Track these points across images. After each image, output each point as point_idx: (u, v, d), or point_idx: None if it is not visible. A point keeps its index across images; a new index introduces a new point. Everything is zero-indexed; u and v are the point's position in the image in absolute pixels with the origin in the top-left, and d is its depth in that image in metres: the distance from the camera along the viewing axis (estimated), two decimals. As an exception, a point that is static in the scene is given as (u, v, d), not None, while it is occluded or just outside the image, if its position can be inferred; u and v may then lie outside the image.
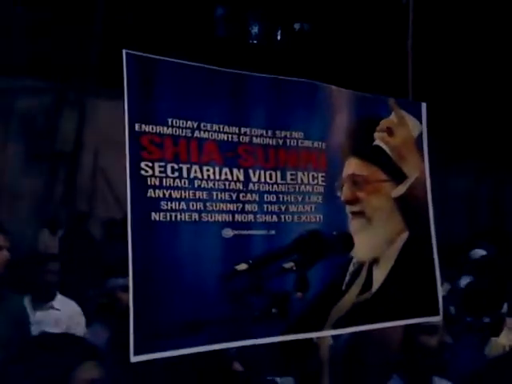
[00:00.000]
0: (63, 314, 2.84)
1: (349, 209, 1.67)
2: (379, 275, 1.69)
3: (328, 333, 1.62)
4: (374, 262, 1.70)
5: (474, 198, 8.67)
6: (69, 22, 8.26)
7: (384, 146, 1.75)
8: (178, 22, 9.36)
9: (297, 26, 11.06)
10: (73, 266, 5.45)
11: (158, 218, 1.37)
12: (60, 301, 2.93)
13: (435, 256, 1.79)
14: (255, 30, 11.00)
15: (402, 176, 1.76)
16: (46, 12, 8.36)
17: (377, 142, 1.75)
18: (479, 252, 4.21)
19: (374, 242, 1.70)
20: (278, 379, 2.08)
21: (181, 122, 1.44)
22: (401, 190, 1.75)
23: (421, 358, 1.66)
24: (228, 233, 1.46)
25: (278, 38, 10.93)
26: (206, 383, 1.78)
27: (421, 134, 1.84)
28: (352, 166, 1.70)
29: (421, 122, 1.85)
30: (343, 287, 1.63)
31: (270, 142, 1.57)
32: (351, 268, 1.65)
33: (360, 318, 1.65)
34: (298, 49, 10.31)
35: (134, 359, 1.27)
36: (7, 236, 2.50)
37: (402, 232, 1.75)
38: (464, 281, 3.61)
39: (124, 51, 1.38)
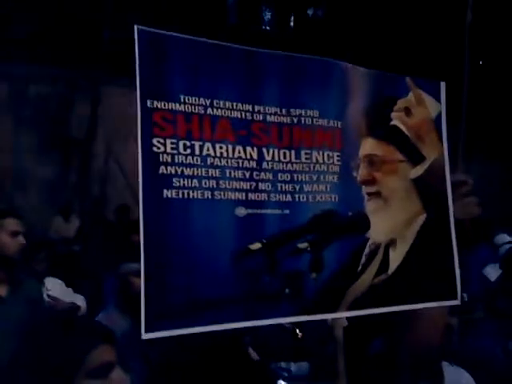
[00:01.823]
0: (55, 292, 3.04)
1: (365, 189, 1.64)
2: (396, 257, 1.66)
3: (343, 314, 1.60)
4: (391, 243, 1.66)
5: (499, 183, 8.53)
6: (80, 9, 8.23)
7: (401, 126, 1.71)
8: (190, 8, 9.29)
9: (310, 11, 10.93)
10: (88, 251, 5.48)
11: (170, 195, 1.35)
12: (48, 281, 3.10)
13: (453, 239, 1.74)
14: (268, 15, 10.89)
15: (419, 157, 1.72)
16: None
17: (394, 122, 1.71)
18: (504, 237, 4.09)
19: (391, 223, 1.66)
20: (292, 364, 2.07)
21: (193, 98, 1.41)
22: (418, 171, 1.71)
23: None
24: (241, 211, 1.44)
25: (292, 24, 10.80)
26: (221, 369, 1.77)
27: (440, 115, 1.78)
28: (368, 146, 1.66)
29: (440, 102, 1.79)
30: (359, 268, 1.60)
31: (285, 121, 1.54)
32: (367, 249, 1.62)
33: (376, 300, 1.62)
34: (312, 35, 10.20)
35: (145, 336, 1.27)
36: (22, 221, 2.53)
37: (420, 214, 1.71)
38: (490, 269, 3.51)
39: (136, 26, 1.36)
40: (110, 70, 8.02)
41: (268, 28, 10.97)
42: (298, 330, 2.21)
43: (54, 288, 3.01)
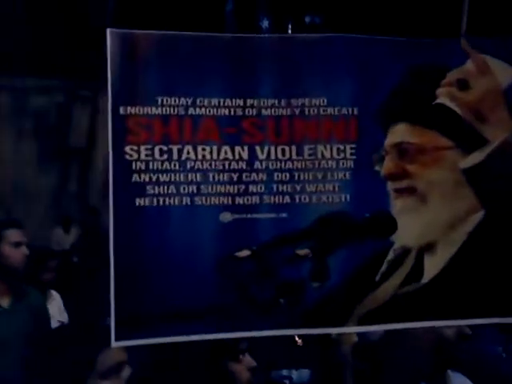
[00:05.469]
0: (58, 304, 3.27)
1: (392, 185, 1.44)
2: (434, 264, 1.44)
3: (350, 329, 1.43)
4: (427, 248, 1.45)
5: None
6: (78, 18, 8.27)
7: (451, 105, 1.45)
8: (187, 17, 9.33)
9: (308, 19, 10.98)
10: (87, 261, 5.49)
11: (142, 204, 1.34)
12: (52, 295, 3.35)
13: None
14: (265, 24, 10.93)
15: (476, 141, 1.45)
16: (56, 9, 8.38)
17: (440, 100, 1.45)
18: None
19: (429, 224, 1.44)
20: (294, 372, 2.06)
21: (172, 99, 1.36)
22: (475, 158, 1.44)
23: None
24: (226, 217, 1.37)
25: (289, 31, 10.84)
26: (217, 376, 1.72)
27: None
28: (399, 134, 1.44)
29: None
30: (377, 277, 1.43)
31: (284, 113, 1.41)
32: (391, 255, 1.43)
33: (403, 313, 1.43)
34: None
35: (114, 344, 1.29)
36: (25, 232, 2.54)
37: (475, 211, 1.45)
38: None
39: (108, 30, 1.34)
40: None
41: (266, 36, 11.02)
42: (296, 338, 2.21)
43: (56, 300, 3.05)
